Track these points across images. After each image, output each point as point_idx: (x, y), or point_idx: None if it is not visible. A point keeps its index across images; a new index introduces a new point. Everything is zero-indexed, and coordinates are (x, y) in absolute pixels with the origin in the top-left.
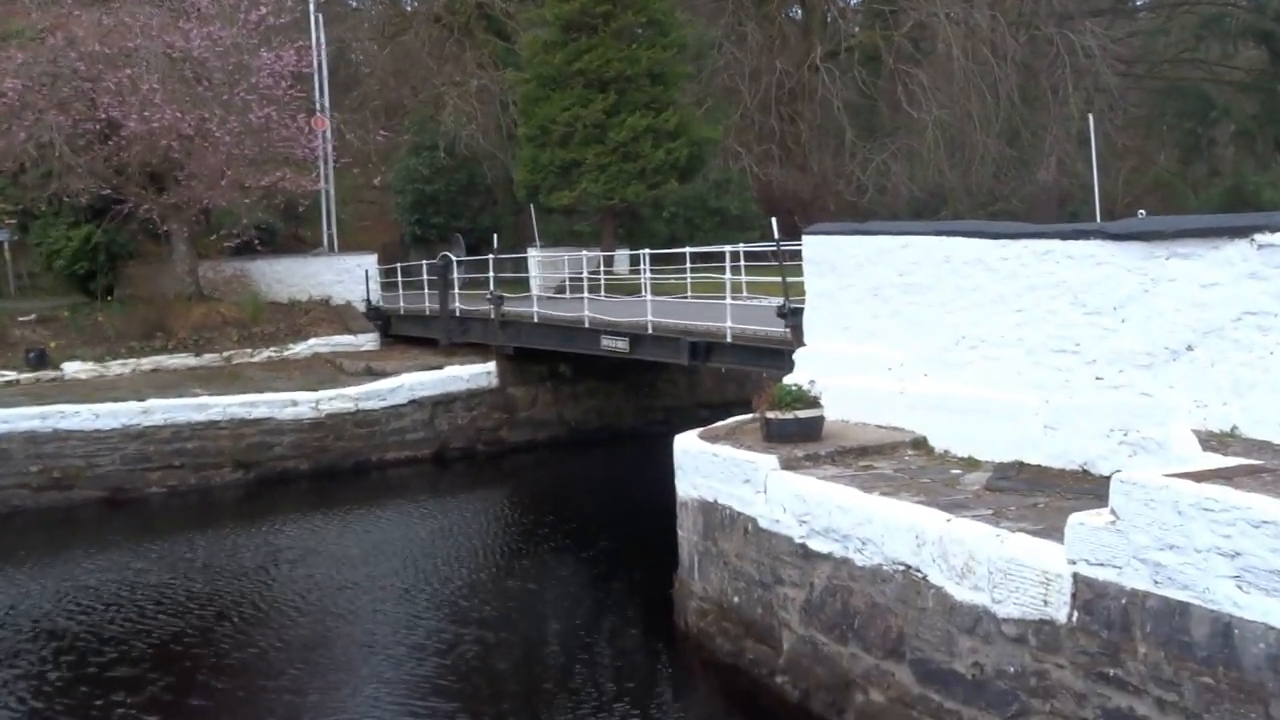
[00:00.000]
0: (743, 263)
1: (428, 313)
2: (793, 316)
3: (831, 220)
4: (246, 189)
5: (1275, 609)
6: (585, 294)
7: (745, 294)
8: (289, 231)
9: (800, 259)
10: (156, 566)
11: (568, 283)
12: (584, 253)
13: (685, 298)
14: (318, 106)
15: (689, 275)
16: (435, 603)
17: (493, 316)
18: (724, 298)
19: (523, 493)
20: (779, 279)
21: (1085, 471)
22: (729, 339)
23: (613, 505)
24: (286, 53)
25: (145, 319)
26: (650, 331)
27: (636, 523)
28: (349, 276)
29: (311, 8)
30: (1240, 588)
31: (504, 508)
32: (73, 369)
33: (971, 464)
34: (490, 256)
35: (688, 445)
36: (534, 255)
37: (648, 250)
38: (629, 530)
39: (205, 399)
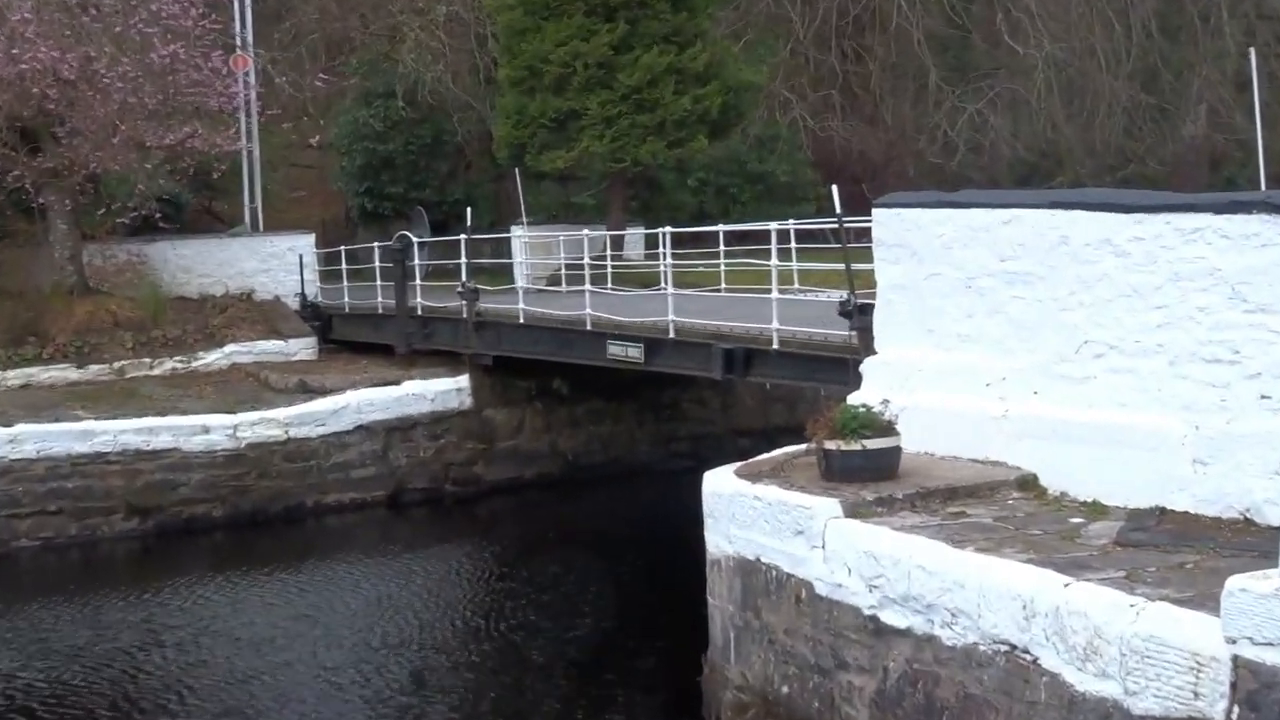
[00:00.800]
0: (794, 245)
1: (380, 311)
2: (860, 315)
3: (910, 188)
4: (145, 149)
5: None
6: (587, 286)
7: (797, 286)
8: (200, 205)
9: (869, 240)
10: (3, 650)
11: (564, 272)
12: (585, 232)
13: (718, 291)
14: (238, 42)
15: (723, 262)
16: (371, 699)
17: (465, 316)
18: (769, 291)
19: (502, 548)
20: (842, 266)
21: (1248, 520)
22: (775, 345)
23: (621, 565)
24: None
25: (13, 319)
26: (672, 335)
27: (652, 588)
28: (278, 264)
29: None
30: None
31: (476, 568)
32: None
33: (1096, 510)
34: (462, 238)
35: (721, 486)
36: (519, 236)
37: (669, 229)
38: (642, 599)
39: (90, 424)
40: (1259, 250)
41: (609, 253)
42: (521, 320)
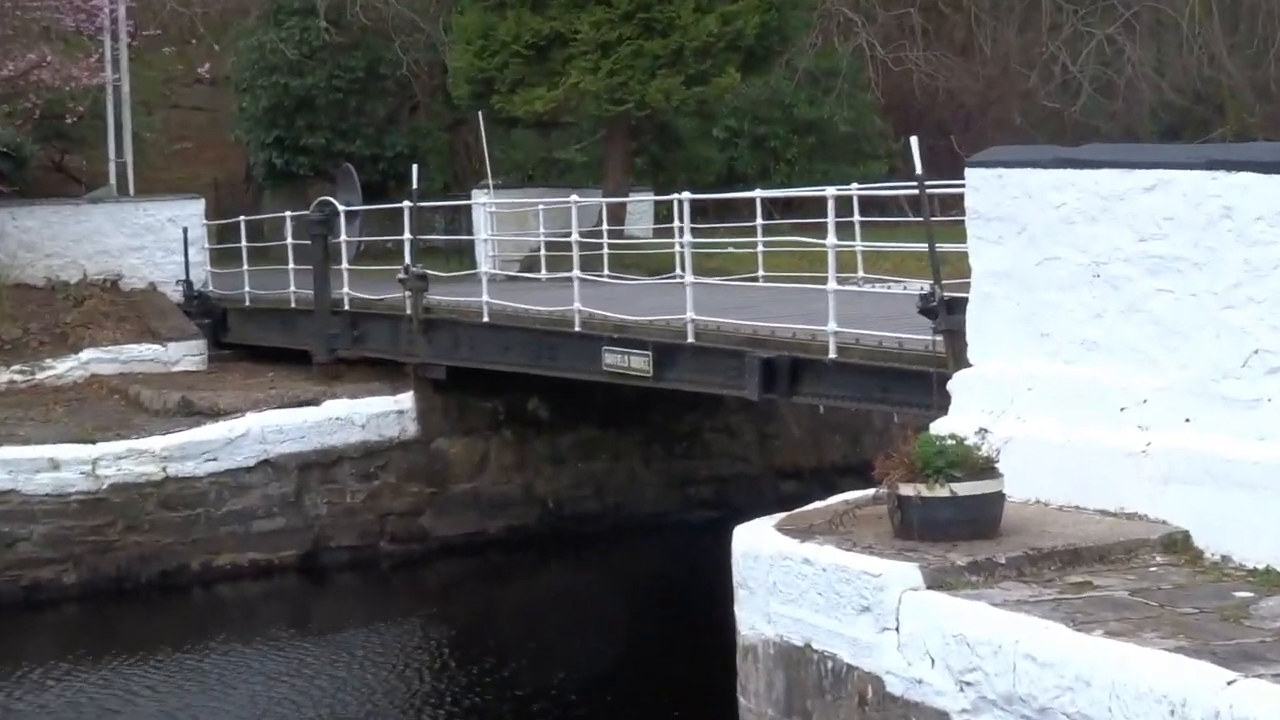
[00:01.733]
0: (857, 218)
1: (294, 305)
2: (948, 315)
3: (1017, 141)
4: None
5: None
6: (575, 272)
7: (862, 274)
8: (49, 160)
9: (960, 212)
10: None
11: (544, 253)
12: (574, 199)
13: (754, 280)
14: None
15: (760, 240)
16: None
17: (409, 312)
18: (824, 280)
19: (457, 630)
20: (923, 247)
21: None
22: (832, 354)
23: (621, 654)
24: None
25: None
26: (691, 340)
27: (664, 685)
28: (154, 241)
29: None
30: None
31: (421, 658)
32: None
33: (1270, 581)
34: (406, 206)
35: (758, 546)
36: (484, 204)
37: (687, 195)
38: (650, 701)
39: None
40: None
41: (606, 227)
42: (486, 318)
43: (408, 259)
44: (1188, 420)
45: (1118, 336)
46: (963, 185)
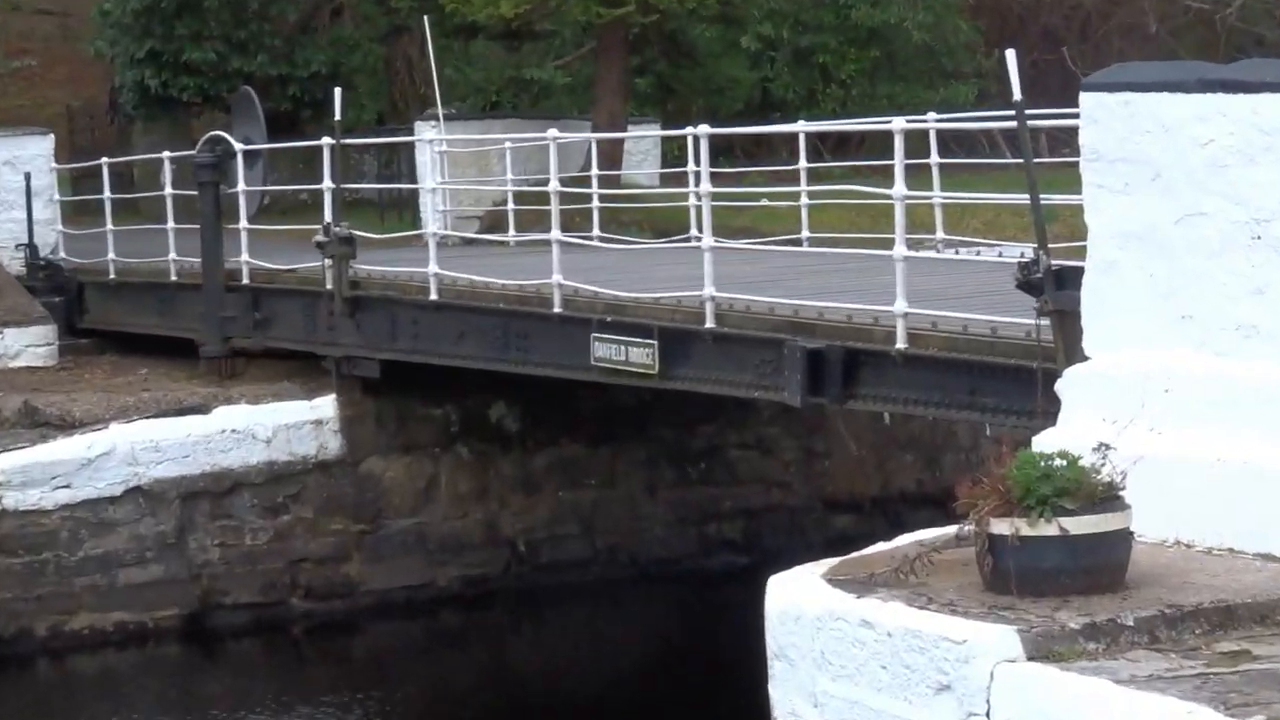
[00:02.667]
0: (934, 160)
1: (175, 278)
2: (1057, 290)
3: (1150, 57)
4: None
5: None
6: (555, 233)
7: (941, 236)
8: None
9: (1073, 152)
10: None
11: (512, 207)
12: (553, 134)
13: (797, 242)
14: None
15: (804, 190)
16: None
17: (330, 287)
18: (889, 243)
19: None
20: (1024, 198)
21: None
22: (900, 343)
23: None
24: None
25: None
26: (710, 324)
27: None
28: None
29: None
30: None
31: None
32: None
33: None
34: (326, 144)
35: (801, 602)
36: (432, 141)
37: (706, 129)
38: None
39: None
40: None
41: (596, 172)
42: (434, 296)
43: (328, 215)
44: None
45: None
46: (1077, 115)
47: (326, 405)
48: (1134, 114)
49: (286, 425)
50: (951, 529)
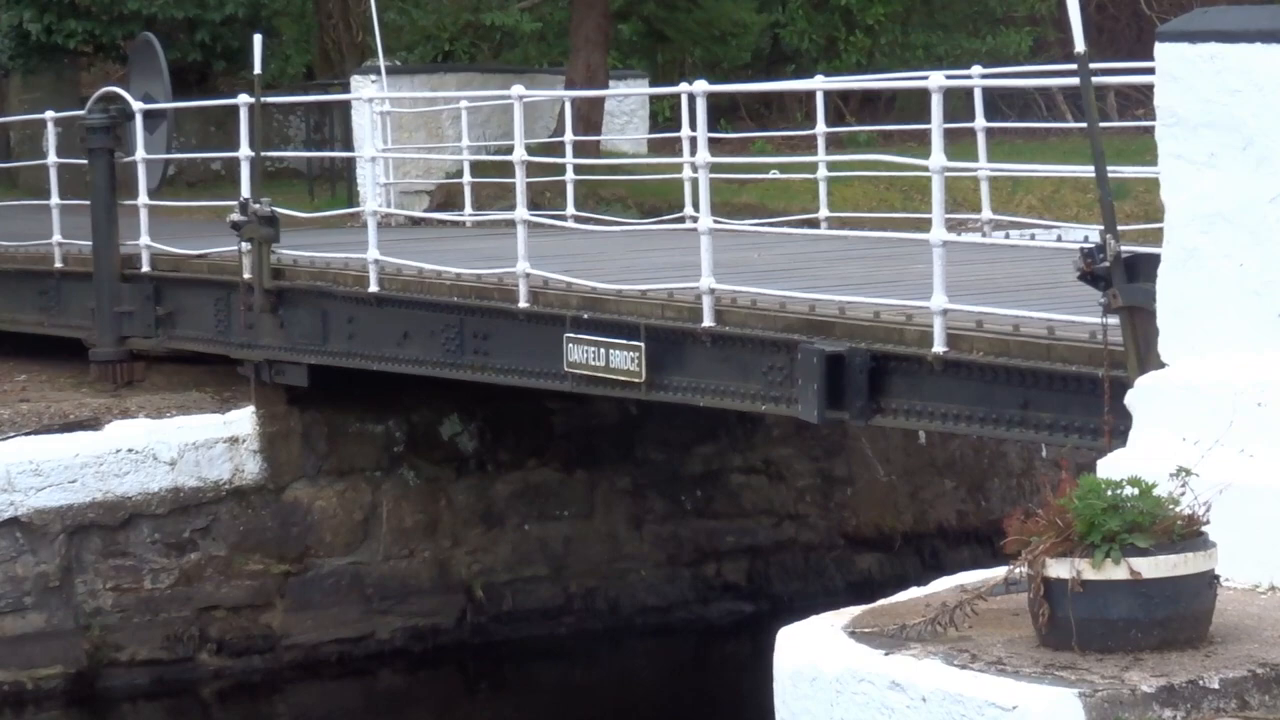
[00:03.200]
0: (980, 123)
1: (59, 265)
2: (1127, 281)
3: (1238, 2)
4: None
5: None
6: (520, 212)
7: (988, 215)
8: None
9: (1148, 115)
10: None
11: (468, 180)
12: (519, 92)
13: (813, 223)
14: None
15: (822, 159)
16: None
17: (248, 276)
18: (925, 225)
19: None
20: (1087, 170)
21: None
22: (939, 346)
23: None
24: None
25: None
26: (709, 323)
27: None
28: None
29: None
30: None
31: None
32: None
33: None
34: (243, 102)
35: (818, 658)
36: (372, 100)
37: (704, 85)
38: None
39: None
40: None
41: (570, 138)
42: (375, 288)
43: (246, 190)
44: None
45: None
46: (1153, 71)
47: (243, 420)
48: (1222, 70)
49: (195, 444)
50: (1000, 571)
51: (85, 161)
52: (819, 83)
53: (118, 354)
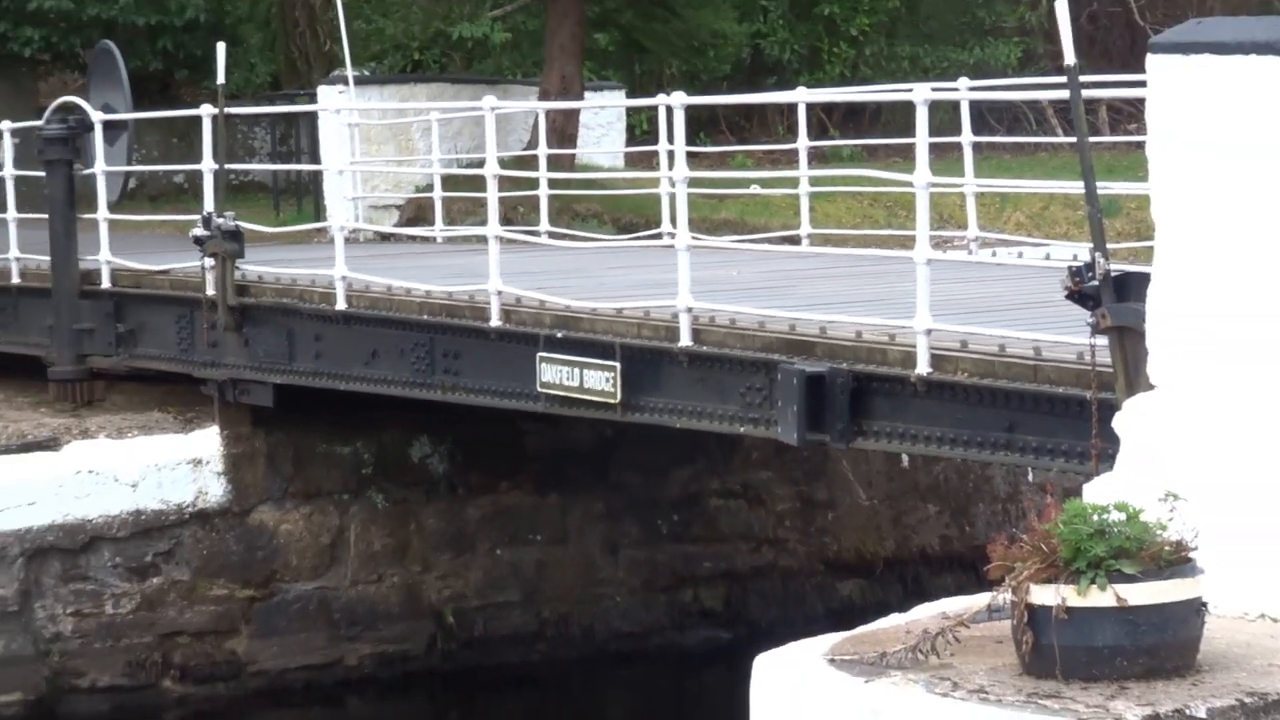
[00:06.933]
0: (967, 138)
1: (16, 280)
2: (1116, 301)
3: (1236, 11)
4: None
5: None
6: (492, 227)
7: (973, 233)
8: None
9: (1140, 129)
10: None
11: (439, 194)
12: (490, 103)
13: (794, 240)
14: None
15: (804, 174)
16: None
17: (212, 293)
18: (909, 242)
19: None
20: (1076, 186)
21: None
22: (923, 367)
23: None
24: None
25: None
26: (686, 342)
27: None
28: None
29: None
30: None
31: None
32: None
33: None
34: (206, 114)
35: (797, 687)
36: (340, 111)
37: (682, 97)
38: None
39: None
40: None
41: (544, 151)
42: (342, 305)
43: (210, 204)
44: None
45: None
46: (1145, 84)
47: (207, 441)
48: (1215, 82)
49: (157, 466)
50: (984, 598)
51: (43, 174)
52: (801, 95)
53: (77, 373)
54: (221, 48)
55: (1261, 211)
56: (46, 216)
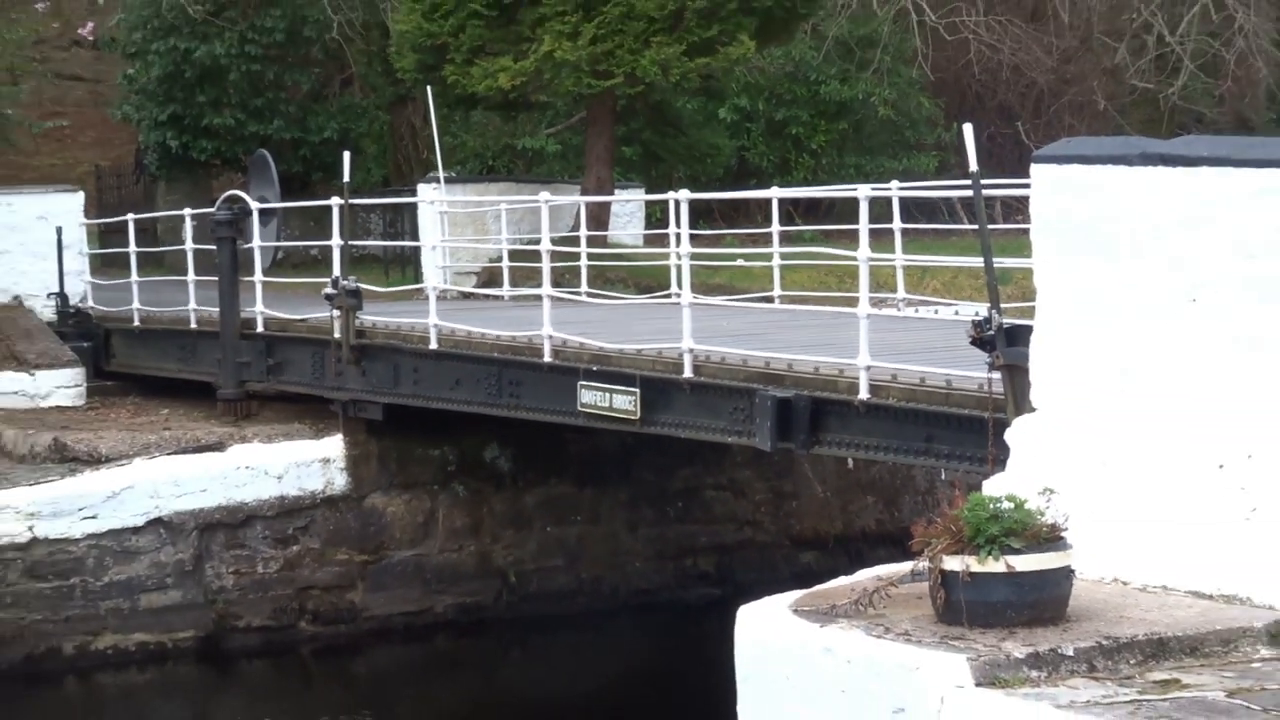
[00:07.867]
0: (898, 224)
1: (194, 326)
2: (1008, 346)
3: (1100, 132)
4: None
5: None
6: (545, 288)
7: (902, 295)
8: None
9: (1025, 219)
10: None
11: (506, 264)
12: (545, 197)
13: (769, 299)
14: None
15: (776, 251)
16: None
17: (338, 335)
18: (855, 301)
19: None
20: (979, 261)
21: None
22: (864, 393)
23: None
24: None
25: None
26: (689, 374)
27: None
28: (19, 243)
29: None
30: None
31: None
32: None
33: None
34: (335, 204)
35: (768, 631)
36: (433, 202)
37: (686, 194)
38: None
39: None
40: None
41: (584, 233)
42: (434, 345)
43: (337, 270)
44: None
45: (1218, 377)
46: (1029, 185)
47: (333, 445)
48: (1084, 185)
49: (296, 463)
50: (908, 565)
51: (214, 247)
52: (774, 192)
53: (238, 394)
54: (347, 156)
55: (1109, 278)
56: (216, 279)
